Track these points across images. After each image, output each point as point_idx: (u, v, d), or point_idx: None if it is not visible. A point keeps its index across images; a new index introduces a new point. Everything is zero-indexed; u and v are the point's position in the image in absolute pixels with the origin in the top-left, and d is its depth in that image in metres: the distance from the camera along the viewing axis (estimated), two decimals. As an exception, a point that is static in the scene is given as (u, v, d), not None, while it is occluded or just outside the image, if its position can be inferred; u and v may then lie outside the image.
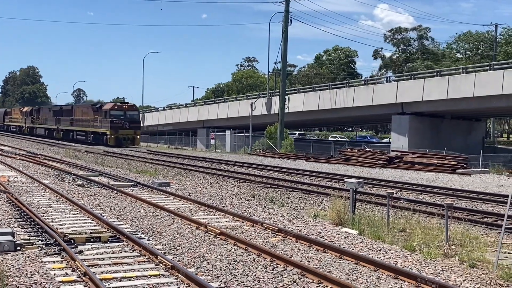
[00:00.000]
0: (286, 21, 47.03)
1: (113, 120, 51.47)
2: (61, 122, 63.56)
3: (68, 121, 61.40)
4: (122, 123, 51.80)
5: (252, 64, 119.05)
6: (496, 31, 73.52)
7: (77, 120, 59.18)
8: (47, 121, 68.37)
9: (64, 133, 62.42)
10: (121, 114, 52.09)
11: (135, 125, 53.20)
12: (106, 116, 51.93)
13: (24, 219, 13.89)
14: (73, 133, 60.04)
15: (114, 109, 52.24)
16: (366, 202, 17.49)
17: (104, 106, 54.24)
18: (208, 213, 15.47)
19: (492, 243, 11.66)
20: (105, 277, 9.05)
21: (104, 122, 52.10)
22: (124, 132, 51.94)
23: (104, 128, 52.17)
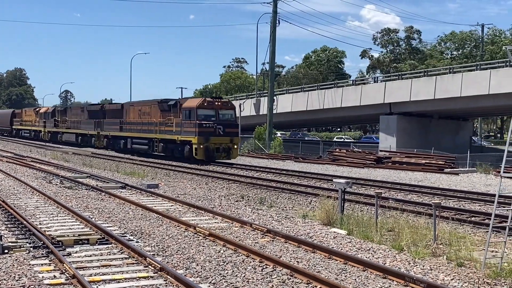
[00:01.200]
0: (274, 22, 47.09)
1: (202, 122, 33.97)
2: (103, 126, 47.02)
3: (117, 124, 44.33)
4: (215, 128, 34.29)
5: (241, 65, 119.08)
6: (482, 31, 74.06)
7: (132, 123, 42.19)
8: (80, 124, 52.19)
9: (111, 141, 45.65)
10: (212, 114, 34.62)
11: (232, 130, 35.45)
12: (189, 117, 34.56)
13: (11, 222, 13.79)
14: (125, 141, 42.66)
15: (202, 106, 34.49)
16: (355, 202, 17.54)
17: (185, 102, 36.57)
18: (197, 215, 15.45)
19: (480, 242, 11.73)
20: (94, 280, 9.01)
21: (187, 126, 34.81)
22: (217, 140, 34.40)
23: (187, 134, 34.75)
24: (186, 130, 34.84)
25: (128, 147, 42.23)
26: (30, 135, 66.91)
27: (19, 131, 72.32)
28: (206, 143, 33.79)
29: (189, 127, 34.60)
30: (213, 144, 34.06)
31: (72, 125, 54.47)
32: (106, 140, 46.69)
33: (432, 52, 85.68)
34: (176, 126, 35.73)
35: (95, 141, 48.40)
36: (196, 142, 33.82)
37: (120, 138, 44.00)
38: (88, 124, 50.11)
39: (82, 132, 51.52)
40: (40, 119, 63.64)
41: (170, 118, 36.58)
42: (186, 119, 34.84)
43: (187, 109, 35.06)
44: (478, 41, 77.33)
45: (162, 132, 37.49)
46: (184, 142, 35.24)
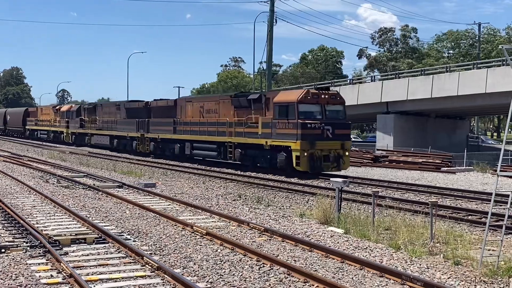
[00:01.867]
0: (271, 20, 47.09)
1: (306, 122, 25.14)
2: (149, 126, 38.83)
3: (169, 125, 36.11)
4: (322, 129, 25.45)
5: (239, 64, 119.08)
6: (479, 30, 74.16)
7: (192, 123, 33.67)
8: (115, 125, 43.88)
9: (159, 145, 37.53)
10: (317, 111, 25.95)
11: (343, 131, 26.44)
12: (286, 115, 25.74)
13: (8, 221, 13.77)
14: (182, 145, 34.45)
15: (305, 100, 25.61)
16: (352, 201, 17.55)
17: (277, 95, 27.24)
18: (194, 214, 15.45)
19: (477, 240, 11.75)
20: (91, 279, 9.01)
21: (282, 127, 25.94)
22: (326, 145, 25.55)
23: (282, 138, 25.79)
24: (281, 132, 25.82)
25: (186, 153, 33.94)
26: (48, 137, 58.65)
27: (34, 132, 63.35)
28: (311, 150, 24.87)
29: (285, 128, 25.62)
30: (320, 150, 25.15)
31: (104, 126, 45.84)
32: (154, 144, 37.94)
33: (429, 51, 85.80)
34: (264, 127, 26.96)
35: (137, 145, 39.75)
36: (297, 148, 24.74)
37: (173, 142, 35.37)
38: (127, 124, 41.66)
39: (119, 134, 42.90)
40: (61, 119, 55.36)
41: (252, 116, 27.96)
42: (280, 118, 25.93)
43: (282, 104, 26.10)
44: (475, 40, 77.47)
45: (240, 134, 28.76)
46: (277, 148, 26.21)
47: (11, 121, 72.41)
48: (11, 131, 72.35)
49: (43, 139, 59.24)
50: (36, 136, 62.03)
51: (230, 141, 29.41)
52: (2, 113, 77.50)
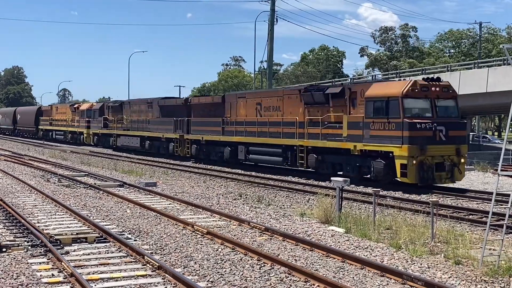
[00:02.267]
0: (272, 20, 47.07)
1: (415, 121, 20.34)
2: (189, 127, 33.69)
3: (217, 125, 31.13)
4: (434, 130, 20.52)
5: (239, 63, 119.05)
6: (480, 30, 74.12)
7: (247, 123, 28.96)
8: (147, 124, 38.96)
9: (203, 149, 32.37)
10: (426, 108, 21.13)
11: (458, 132, 21.51)
12: (387, 112, 20.88)
13: (9, 220, 13.79)
14: (233, 148, 29.69)
15: (412, 94, 20.75)
16: (353, 200, 17.56)
17: (370, 88, 22.10)
18: (195, 213, 15.46)
19: (477, 240, 11.75)
20: (92, 278, 9.02)
21: (380, 127, 21.14)
22: (438, 150, 20.59)
23: (381, 141, 21.07)
24: (378, 134, 21.00)
25: (239, 157, 29.16)
26: (65, 138, 53.88)
27: (49, 133, 58.88)
28: (421, 156, 19.97)
29: (384, 130, 20.80)
30: (431, 157, 20.21)
31: (133, 126, 41.01)
32: (196, 147, 32.76)
33: (430, 50, 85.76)
34: (351, 127, 22.15)
35: (175, 147, 34.93)
36: (404, 154, 19.87)
37: (222, 145, 30.46)
38: (163, 124, 36.84)
39: (152, 135, 38.02)
40: (80, 118, 50.54)
41: (331, 115, 23.55)
42: (376, 116, 21.08)
43: (379, 99, 21.05)
44: (475, 39, 77.43)
45: (315, 137, 24.15)
46: (371, 154, 21.45)
47: (22, 120, 68.33)
48: (22, 131, 68.45)
49: (59, 140, 54.98)
50: (50, 137, 57.56)
51: (301, 145, 24.85)
52: (11, 112, 72.95)
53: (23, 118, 67.74)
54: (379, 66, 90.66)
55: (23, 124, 67.58)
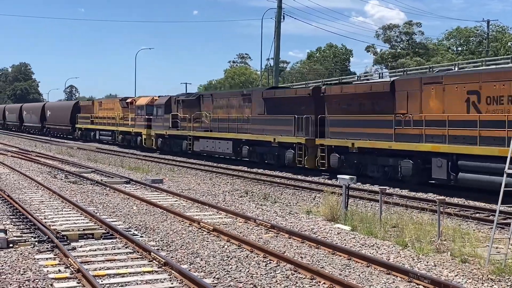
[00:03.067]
0: (278, 17, 47.03)
1: None
2: (324, 127, 24.33)
3: (384, 125, 21.06)
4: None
5: (245, 60, 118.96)
6: (488, 27, 73.82)
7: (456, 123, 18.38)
8: (246, 124, 29.40)
9: (354, 159, 22.55)
10: None
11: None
12: None
13: (16, 216, 13.85)
14: (423, 161, 19.58)
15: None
16: (359, 198, 17.53)
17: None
18: (201, 210, 15.48)
19: (484, 238, 11.72)
20: (98, 274, 9.05)
21: None
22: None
23: None
24: None
25: (438, 176, 18.94)
26: (114, 140, 44.43)
27: (89, 133, 49.91)
28: None
29: None
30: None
31: (220, 126, 31.61)
32: (338, 158, 22.82)
33: (436, 47, 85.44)
34: None
35: (297, 156, 25.13)
36: None
37: (393, 155, 20.61)
38: (271, 123, 27.33)
39: (254, 139, 28.35)
40: (137, 116, 40.23)
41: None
42: None
43: None
44: (483, 37, 77.12)
45: None
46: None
47: (53, 117, 58.79)
48: (53, 130, 59.93)
49: (104, 142, 46.27)
50: (92, 138, 48.73)
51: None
52: (39, 108, 63.21)
53: (55, 115, 58.44)
54: (386, 64, 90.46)
55: (55, 121, 58.33)
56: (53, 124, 59.35)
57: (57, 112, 58.95)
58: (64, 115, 56.30)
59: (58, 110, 59.37)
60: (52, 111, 59.65)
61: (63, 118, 56.30)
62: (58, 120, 57.99)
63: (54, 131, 59.71)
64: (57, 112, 58.75)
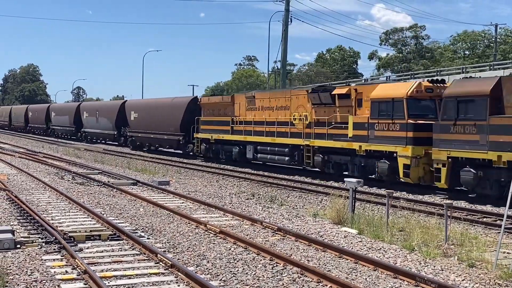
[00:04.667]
0: (286, 20, 47.08)
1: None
2: None
3: None
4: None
5: (252, 63, 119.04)
6: (496, 31, 73.61)
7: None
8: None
9: None
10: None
11: None
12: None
13: (24, 217, 13.90)
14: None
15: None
16: (366, 202, 17.49)
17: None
18: (208, 212, 15.49)
19: (491, 243, 11.68)
20: (105, 275, 9.07)
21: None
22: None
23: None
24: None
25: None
26: (293, 161, 26.38)
27: (230, 149, 30.71)
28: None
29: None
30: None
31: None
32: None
33: (443, 51, 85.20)
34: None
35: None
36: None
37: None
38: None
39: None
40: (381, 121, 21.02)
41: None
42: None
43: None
44: (491, 41, 76.87)
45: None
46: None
47: (142, 121, 41.31)
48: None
49: (273, 165, 28.42)
50: (236, 156, 29.78)
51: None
52: (114, 109, 46.72)
53: (145, 117, 41.04)
54: (391, 68, 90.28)
55: (147, 128, 40.53)
56: (141, 131, 42.90)
57: (153, 112, 41.66)
58: (171, 118, 39.24)
59: (154, 109, 42.54)
60: (141, 112, 43.94)
61: (169, 121, 41.77)
62: (155, 127, 40.99)
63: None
64: (154, 112, 45.02)
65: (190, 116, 34.83)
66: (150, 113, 40.70)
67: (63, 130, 58.18)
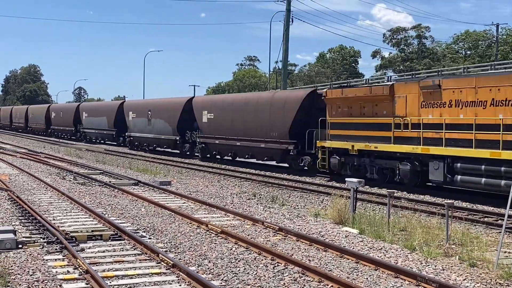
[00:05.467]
0: (287, 20, 47.04)
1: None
2: None
3: None
4: None
5: (253, 63, 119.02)
6: (497, 31, 73.56)
7: None
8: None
9: None
10: None
11: None
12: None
13: (25, 217, 13.93)
14: None
15: None
16: (367, 201, 17.51)
17: None
18: (209, 212, 15.51)
19: (493, 242, 11.69)
20: (107, 275, 9.09)
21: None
22: None
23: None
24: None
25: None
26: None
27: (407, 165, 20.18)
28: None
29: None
30: None
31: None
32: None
33: (445, 51, 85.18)
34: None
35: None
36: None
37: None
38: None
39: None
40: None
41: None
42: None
43: None
44: (492, 41, 76.83)
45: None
46: None
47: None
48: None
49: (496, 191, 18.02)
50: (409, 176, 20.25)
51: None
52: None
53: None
54: (393, 68, 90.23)
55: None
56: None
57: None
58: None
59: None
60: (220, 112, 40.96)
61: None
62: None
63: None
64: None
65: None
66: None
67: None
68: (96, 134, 50.41)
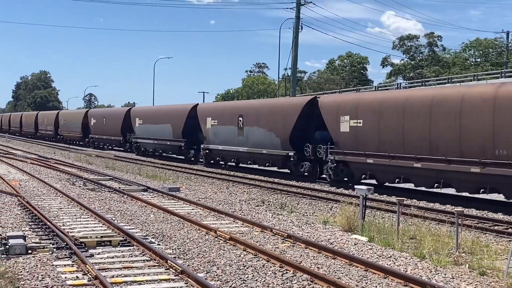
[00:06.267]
0: (296, 27, 47.13)
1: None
2: None
3: None
4: None
5: (262, 70, 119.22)
6: (507, 38, 73.33)
7: None
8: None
9: None
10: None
11: None
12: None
13: (35, 222, 13.99)
14: None
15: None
16: (376, 209, 17.45)
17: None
18: (218, 218, 15.50)
19: (503, 251, 11.61)
20: (116, 281, 9.10)
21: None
22: None
23: None
24: None
25: None
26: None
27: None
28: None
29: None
30: None
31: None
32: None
33: (455, 59, 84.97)
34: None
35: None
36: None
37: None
38: None
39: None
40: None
41: None
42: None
43: None
44: (503, 48, 76.60)
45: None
46: None
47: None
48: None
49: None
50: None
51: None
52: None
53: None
54: (403, 75, 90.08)
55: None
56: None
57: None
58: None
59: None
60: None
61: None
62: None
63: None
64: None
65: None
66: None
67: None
68: (155, 145, 41.35)
